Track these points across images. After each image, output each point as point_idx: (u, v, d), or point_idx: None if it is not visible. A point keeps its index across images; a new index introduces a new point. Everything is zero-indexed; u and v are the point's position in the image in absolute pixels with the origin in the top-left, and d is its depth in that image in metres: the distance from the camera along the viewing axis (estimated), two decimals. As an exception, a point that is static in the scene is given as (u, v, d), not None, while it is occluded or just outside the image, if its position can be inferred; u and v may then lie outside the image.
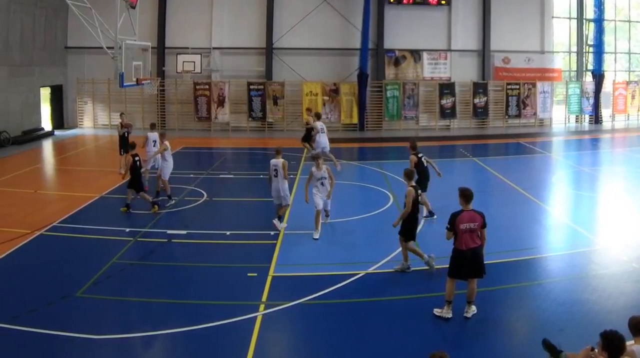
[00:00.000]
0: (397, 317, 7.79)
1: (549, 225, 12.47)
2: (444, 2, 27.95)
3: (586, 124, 30.11)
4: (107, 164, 18.41)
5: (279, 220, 11.66)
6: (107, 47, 15.57)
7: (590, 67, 29.84)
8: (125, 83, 15.75)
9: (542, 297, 8.30)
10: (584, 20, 29.91)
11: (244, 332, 7.28)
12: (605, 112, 30.28)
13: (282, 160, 11.52)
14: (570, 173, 18.50)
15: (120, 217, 12.64)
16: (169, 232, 11.49)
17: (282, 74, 27.43)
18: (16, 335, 7.11)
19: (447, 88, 27.97)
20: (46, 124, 26.10)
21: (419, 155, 12.18)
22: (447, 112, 28.05)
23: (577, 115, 30.26)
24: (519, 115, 28.81)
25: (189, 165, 18.68)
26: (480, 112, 28.40)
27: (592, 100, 29.52)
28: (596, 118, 29.75)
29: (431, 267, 9.21)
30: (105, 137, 25.14)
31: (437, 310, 7.71)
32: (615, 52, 31.18)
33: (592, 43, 29.37)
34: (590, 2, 29.32)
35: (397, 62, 28.12)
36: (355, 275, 9.17)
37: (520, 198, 14.39)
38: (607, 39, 29.79)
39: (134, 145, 13.26)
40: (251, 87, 26.91)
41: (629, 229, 11.72)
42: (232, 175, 17.47)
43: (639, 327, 4.99)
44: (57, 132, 26.02)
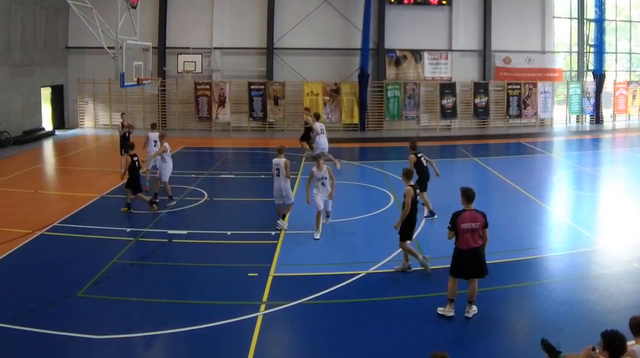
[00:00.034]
0: (397, 317, 7.78)
1: (549, 225, 12.46)
2: (444, 2, 27.94)
3: (587, 124, 30.10)
4: (108, 164, 18.42)
5: (282, 219, 11.67)
6: (108, 47, 15.59)
7: (591, 67, 29.82)
8: (126, 83, 15.78)
9: (543, 297, 8.30)
10: (585, 20, 29.88)
11: (245, 332, 7.28)
12: (606, 112, 30.25)
13: (284, 159, 11.51)
14: (571, 173, 18.48)
15: (121, 217, 12.64)
16: (170, 232, 11.49)
17: (283, 74, 27.43)
18: (17, 335, 7.11)
19: (448, 88, 27.97)
20: (47, 124, 26.10)
21: (418, 155, 12.20)
22: (448, 112, 28.05)
23: (578, 115, 30.25)
24: (519, 115, 28.79)
25: (190, 165, 18.69)
26: (481, 112, 28.39)
27: (593, 100, 29.51)
28: (597, 118, 29.74)
29: (426, 267, 9.20)
30: (106, 137, 25.14)
31: (440, 308, 7.74)
32: (616, 52, 31.16)
33: (592, 43, 29.33)
34: (591, 2, 29.28)
35: (398, 62, 28.12)
36: (356, 275, 9.16)
37: (521, 198, 14.39)
38: (608, 39, 29.77)
39: (133, 145, 13.26)
40: (252, 87, 26.91)
41: (630, 229, 11.71)
42: (232, 175, 17.47)
43: (639, 327, 4.98)
44: (57, 132, 26.02)
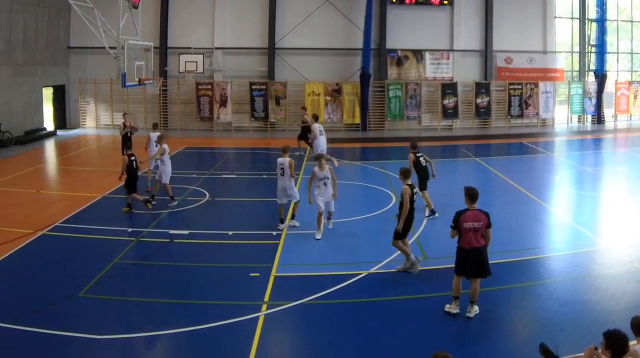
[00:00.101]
0: (399, 317, 7.79)
1: (551, 225, 12.45)
2: (446, 2, 27.93)
3: (588, 124, 30.09)
4: (109, 164, 18.41)
5: (281, 222, 11.68)
6: (110, 47, 15.61)
7: (592, 67, 29.81)
8: (127, 83, 15.79)
9: (544, 297, 8.29)
10: (586, 20, 29.86)
11: (247, 332, 7.28)
12: (607, 112, 30.25)
13: (288, 159, 11.55)
14: (572, 173, 18.46)
15: (122, 217, 12.65)
16: (172, 232, 11.50)
17: (285, 74, 27.43)
18: (19, 335, 7.12)
19: (449, 88, 27.96)
20: (48, 124, 26.15)
21: (417, 155, 12.26)
22: (450, 112, 28.04)
23: (579, 115, 30.24)
24: (521, 115, 28.79)
25: (192, 165, 18.71)
26: (482, 112, 28.38)
27: (594, 100, 29.50)
28: (598, 118, 29.73)
29: (413, 269, 9.19)
30: (107, 137, 25.16)
31: (447, 305, 7.80)
32: (617, 52, 31.14)
33: (594, 43, 29.34)
34: (592, 2, 29.26)
35: (399, 62, 28.12)
36: (357, 275, 9.16)
37: (522, 198, 14.38)
38: (610, 39, 29.74)
39: (130, 145, 13.29)
40: (253, 87, 26.93)
41: (631, 229, 11.70)
42: (234, 175, 17.48)
43: (641, 326, 4.97)
44: (59, 132, 26.06)
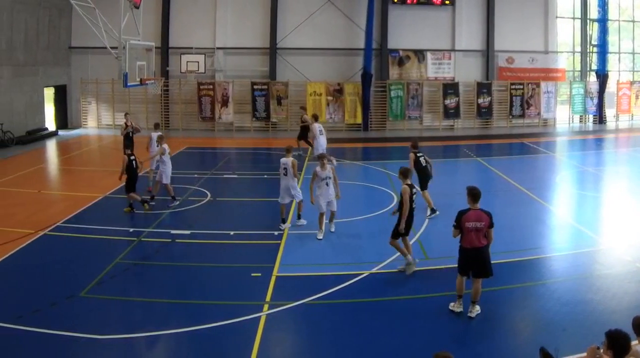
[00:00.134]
0: (400, 317, 7.79)
1: (552, 225, 12.44)
2: (447, 2, 27.92)
3: (590, 124, 30.05)
4: (111, 164, 18.38)
5: (282, 222, 11.69)
6: (111, 47, 15.60)
7: (594, 67, 29.77)
8: (129, 83, 15.78)
9: (545, 297, 8.29)
10: (588, 20, 29.83)
11: (248, 332, 7.28)
12: (609, 112, 30.20)
13: (291, 158, 11.57)
14: (574, 173, 18.45)
15: (123, 217, 12.67)
16: (173, 232, 11.50)
17: (286, 74, 27.44)
18: (20, 335, 7.13)
19: (451, 88, 27.94)
20: (50, 124, 26.17)
21: (417, 154, 12.29)
22: (451, 112, 28.03)
23: (581, 115, 30.21)
24: (522, 115, 28.77)
25: (193, 165, 18.72)
26: (484, 112, 28.36)
27: (596, 100, 29.46)
28: (600, 118, 29.69)
29: (409, 269, 9.18)
30: (109, 137, 25.18)
31: (451, 304, 7.83)
32: (619, 52, 31.10)
33: (596, 43, 29.30)
34: (594, 2, 29.23)
35: (401, 62, 28.11)
36: (359, 275, 9.16)
37: (524, 198, 14.37)
38: (611, 39, 29.66)
39: (132, 145, 13.31)
40: (255, 87, 26.93)
41: (632, 229, 11.68)
42: (235, 175, 17.49)
43: (642, 327, 4.96)
44: (60, 132, 26.10)
